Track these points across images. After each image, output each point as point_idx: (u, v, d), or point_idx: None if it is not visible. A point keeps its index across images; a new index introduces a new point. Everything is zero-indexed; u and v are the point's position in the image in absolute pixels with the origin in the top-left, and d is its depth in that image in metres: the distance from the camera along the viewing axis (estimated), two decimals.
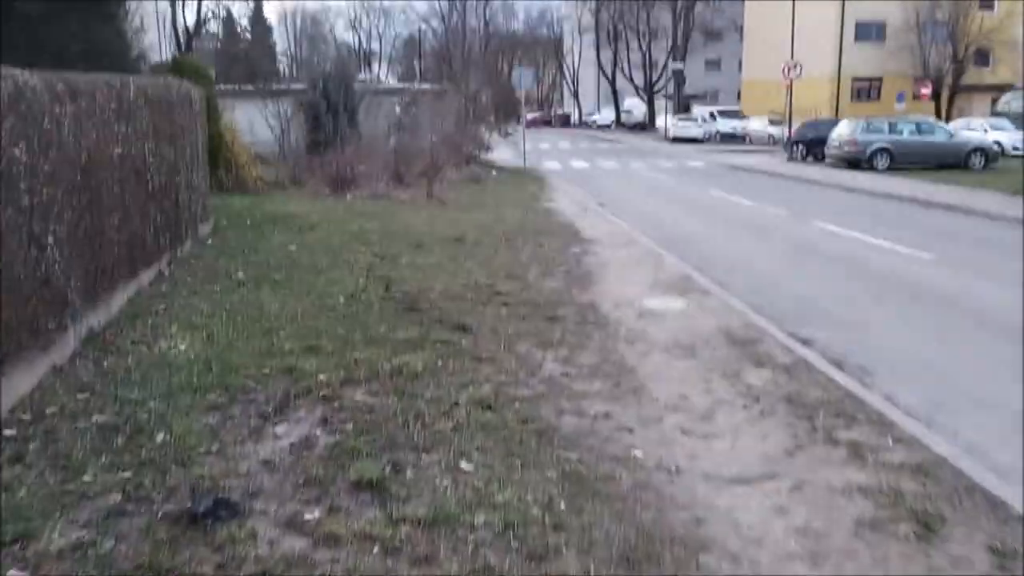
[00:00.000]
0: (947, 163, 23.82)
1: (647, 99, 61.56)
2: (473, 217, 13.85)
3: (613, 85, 65.53)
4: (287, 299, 7.29)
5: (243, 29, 46.45)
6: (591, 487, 3.90)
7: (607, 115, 67.04)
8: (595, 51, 65.00)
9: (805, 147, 28.80)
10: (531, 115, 60.09)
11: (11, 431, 4.27)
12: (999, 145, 26.75)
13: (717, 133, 43.71)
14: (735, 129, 43.35)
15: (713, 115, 45.95)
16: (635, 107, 63.58)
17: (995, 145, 25.99)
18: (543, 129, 62.86)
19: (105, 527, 3.40)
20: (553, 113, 76.57)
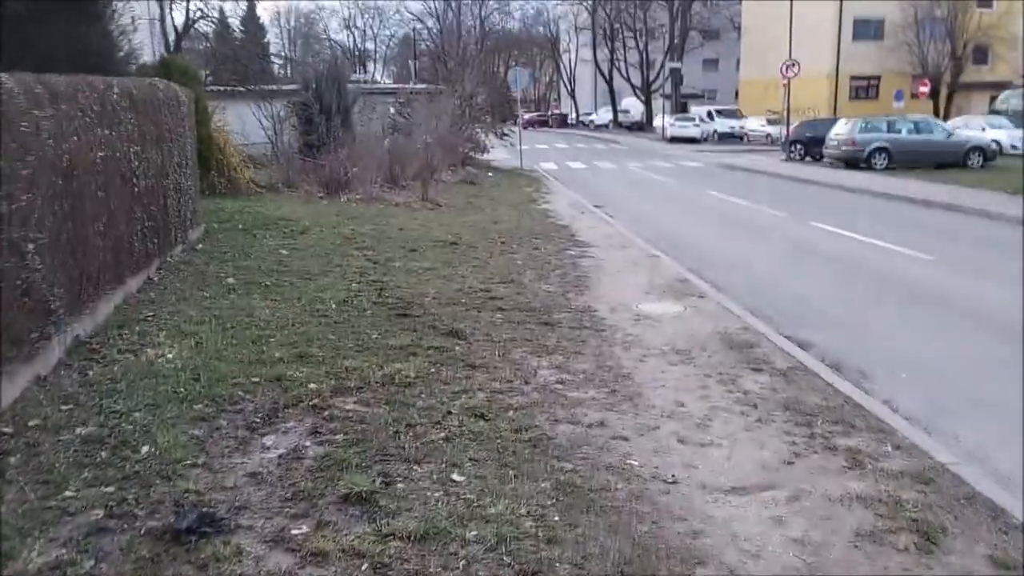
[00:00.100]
0: (946, 162, 23.75)
1: (644, 99, 61.46)
2: (468, 219, 13.77)
3: (610, 85, 65.42)
4: (278, 305, 7.20)
5: (236, 29, 46.30)
6: (586, 499, 3.82)
7: (604, 115, 66.97)
8: (592, 50, 64.87)
9: (803, 147, 28.72)
10: (528, 115, 60.13)
11: None
12: (998, 143, 26.69)
13: (715, 133, 43.64)
14: (733, 129, 43.34)
15: (711, 115, 45.85)
16: (632, 107, 63.50)
17: (994, 143, 25.93)
18: (540, 129, 62.86)
19: (86, 545, 3.31)
20: (550, 113, 76.51)
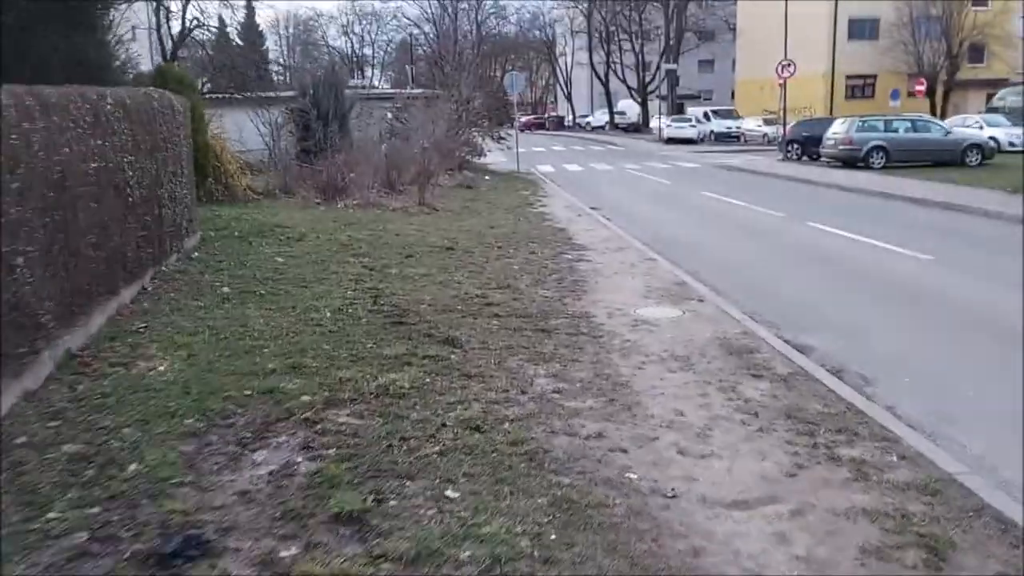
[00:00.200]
0: (943, 160, 23.70)
1: (641, 100, 61.44)
2: (465, 224, 13.68)
3: (606, 87, 65.36)
4: (272, 314, 7.11)
5: (234, 36, 46.26)
6: (583, 515, 3.72)
7: (601, 117, 66.96)
8: (588, 53, 64.81)
9: (800, 146, 28.68)
10: (524, 118, 60.11)
11: None
12: (995, 141, 26.65)
13: (711, 133, 43.61)
14: (729, 129, 43.32)
15: (707, 115, 45.83)
16: (629, 108, 63.47)
17: (991, 141, 25.89)
18: (537, 132, 62.81)
19: (69, 571, 3.22)
20: (547, 116, 76.48)
